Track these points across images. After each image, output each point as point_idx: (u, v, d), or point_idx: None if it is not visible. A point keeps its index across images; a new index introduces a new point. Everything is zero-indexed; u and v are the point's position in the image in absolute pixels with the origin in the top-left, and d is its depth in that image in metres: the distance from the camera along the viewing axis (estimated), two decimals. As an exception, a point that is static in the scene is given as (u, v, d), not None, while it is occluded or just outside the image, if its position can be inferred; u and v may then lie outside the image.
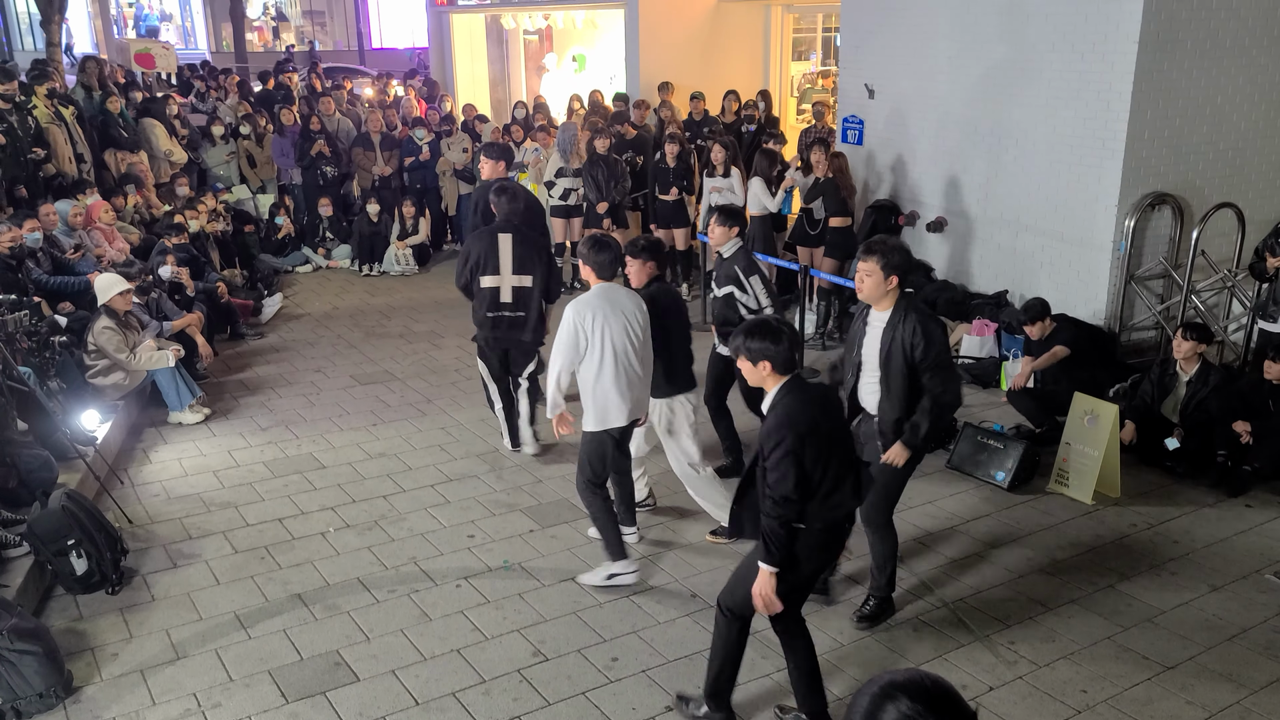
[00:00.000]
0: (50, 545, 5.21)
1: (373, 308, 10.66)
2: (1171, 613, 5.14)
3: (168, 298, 8.55)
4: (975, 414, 7.46)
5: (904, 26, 9.53)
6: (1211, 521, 6.08)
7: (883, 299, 4.67)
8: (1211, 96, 8.02)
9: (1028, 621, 5.08)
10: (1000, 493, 6.42)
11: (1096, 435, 6.27)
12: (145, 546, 5.82)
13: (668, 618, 5.11)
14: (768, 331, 3.89)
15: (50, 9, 18.59)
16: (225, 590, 5.39)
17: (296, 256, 12.24)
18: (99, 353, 7.28)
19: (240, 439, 7.34)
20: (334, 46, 34.95)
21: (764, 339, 3.87)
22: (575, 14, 16.63)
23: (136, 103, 12.65)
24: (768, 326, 3.94)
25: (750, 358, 3.90)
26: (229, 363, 8.93)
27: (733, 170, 9.92)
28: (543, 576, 5.50)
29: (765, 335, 3.87)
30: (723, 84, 13.30)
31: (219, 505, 6.33)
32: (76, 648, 4.87)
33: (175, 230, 9.56)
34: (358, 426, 7.53)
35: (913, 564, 5.60)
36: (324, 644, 4.92)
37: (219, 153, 12.56)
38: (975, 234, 9.21)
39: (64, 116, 10.25)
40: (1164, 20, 7.60)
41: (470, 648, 4.88)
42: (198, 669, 4.74)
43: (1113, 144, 7.86)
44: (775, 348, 3.86)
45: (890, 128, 9.93)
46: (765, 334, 3.88)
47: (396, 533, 5.98)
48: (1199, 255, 7.94)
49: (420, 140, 12.46)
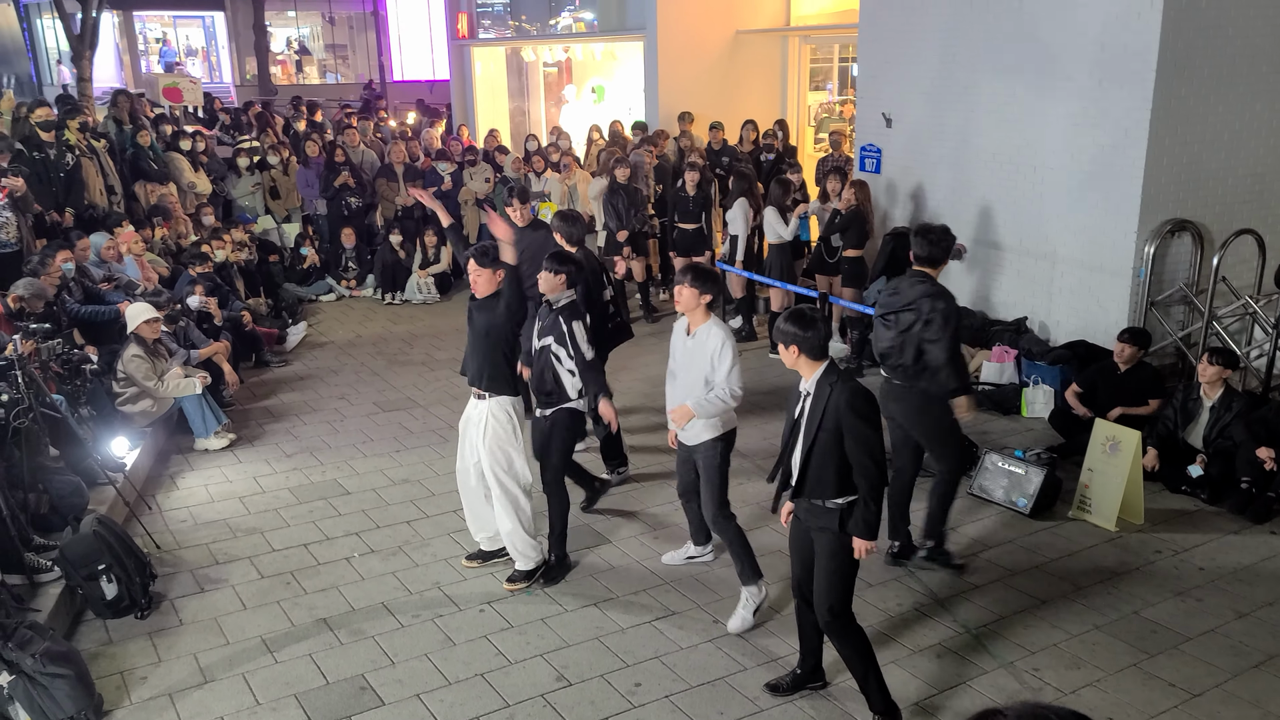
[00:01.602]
0: (81, 570, 5.28)
1: (395, 335, 10.77)
2: (1197, 640, 5.12)
3: (195, 326, 8.68)
4: (996, 440, 7.46)
5: (921, 55, 9.62)
6: (1236, 548, 6.04)
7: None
8: (1230, 123, 8.05)
9: (1052, 648, 5.06)
10: (1022, 519, 6.41)
11: (1119, 462, 6.26)
12: (173, 571, 5.89)
13: (690, 643, 5.13)
14: (799, 318, 4.21)
15: (80, 44, 19.00)
16: (252, 615, 5.44)
17: (320, 285, 12.39)
18: (128, 380, 7.40)
19: (265, 465, 7.42)
20: (355, 80, 35.45)
21: (794, 324, 4.18)
22: (594, 46, 16.83)
23: (165, 136, 12.88)
24: (801, 314, 4.24)
25: (782, 340, 4.20)
26: (254, 390, 9.04)
27: (737, 201, 10.03)
28: (566, 602, 5.52)
29: (797, 321, 4.20)
30: (741, 114, 13.43)
31: (245, 531, 6.40)
32: (106, 671, 4.93)
33: (200, 259, 9.71)
34: (381, 453, 7.60)
35: (935, 590, 5.59)
36: (350, 669, 4.96)
37: (245, 184, 12.76)
38: (994, 261, 9.23)
39: (96, 149, 10.46)
40: (1181, 48, 7.65)
41: (494, 672, 4.90)
42: (225, 693, 4.79)
43: (1131, 171, 7.89)
44: (804, 334, 4.18)
45: (908, 156, 10.00)
46: (797, 320, 4.21)
47: (420, 558, 6.02)
48: (1219, 281, 7.93)
49: (443, 171, 12.62)
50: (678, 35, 14.18)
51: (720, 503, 5.26)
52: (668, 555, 5.91)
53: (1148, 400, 7.14)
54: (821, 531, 4.33)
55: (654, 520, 6.42)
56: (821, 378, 4.23)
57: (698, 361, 5.12)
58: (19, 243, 8.30)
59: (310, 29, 36.81)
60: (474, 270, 5.48)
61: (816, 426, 4.19)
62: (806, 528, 4.44)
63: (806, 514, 4.39)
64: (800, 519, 4.47)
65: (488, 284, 5.48)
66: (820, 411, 4.18)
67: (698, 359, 5.13)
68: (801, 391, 4.33)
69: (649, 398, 8.68)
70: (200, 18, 35.52)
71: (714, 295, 5.19)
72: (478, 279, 5.49)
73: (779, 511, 4.56)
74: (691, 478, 5.46)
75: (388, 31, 34.58)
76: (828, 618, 4.36)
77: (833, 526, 4.28)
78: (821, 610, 4.37)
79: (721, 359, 5.04)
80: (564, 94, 18.62)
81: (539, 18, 17.56)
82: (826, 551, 4.33)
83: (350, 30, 36.73)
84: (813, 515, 4.36)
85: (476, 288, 5.53)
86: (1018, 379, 8.30)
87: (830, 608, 4.34)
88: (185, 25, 36.06)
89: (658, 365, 9.48)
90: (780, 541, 6.13)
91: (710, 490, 5.25)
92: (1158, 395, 7.15)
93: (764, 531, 6.27)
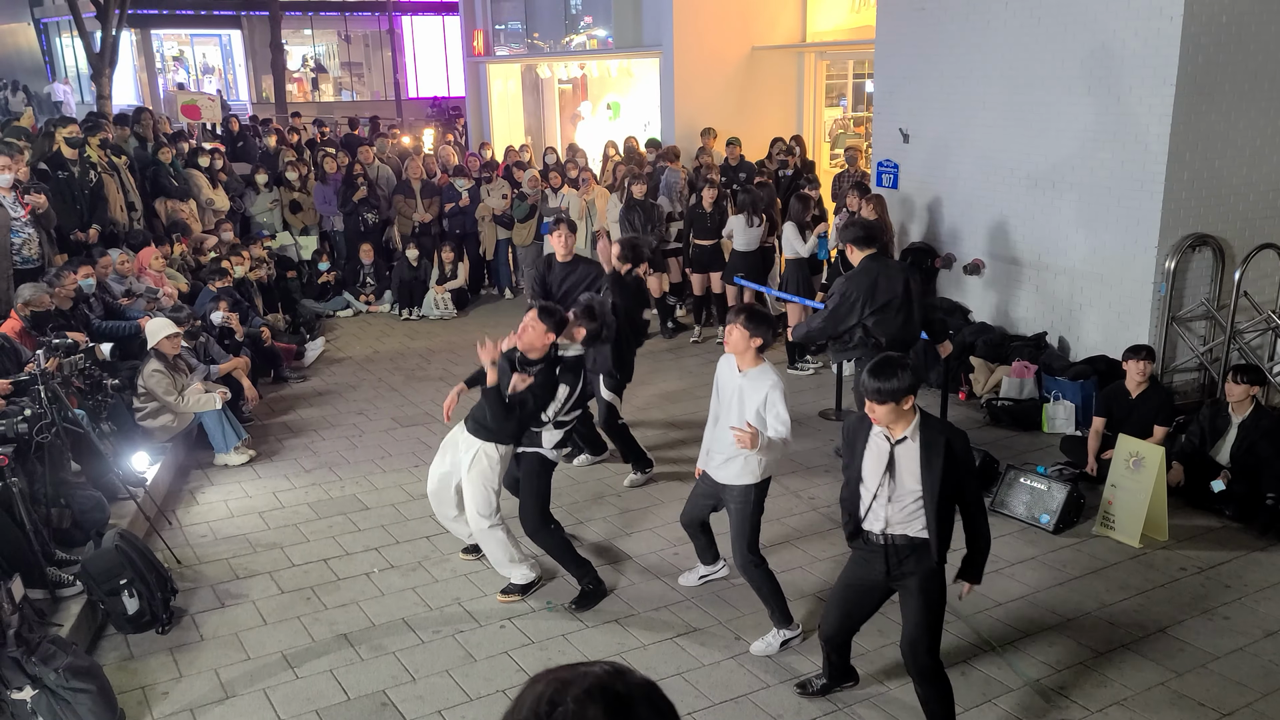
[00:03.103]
0: (103, 585, 5.28)
1: (413, 351, 10.79)
2: (1226, 658, 5.06)
3: (216, 342, 8.72)
4: (1018, 456, 7.41)
5: (937, 71, 9.62)
6: (1263, 566, 5.98)
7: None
8: (1250, 138, 8.02)
9: (1078, 667, 5.01)
10: (1045, 535, 6.36)
11: (1143, 478, 6.21)
12: (194, 587, 5.89)
13: (712, 660, 5.10)
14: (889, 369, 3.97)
15: (100, 63, 19.21)
16: (272, 630, 5.44)
17: (338, 301, 12.44)
18: (148, 395, 7.43)
19: (285, 480, 7.43)
20: (371, 97, 35.67)
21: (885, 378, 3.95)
22: (610, 63, 16.90)
23: (184, 153, 12.98)
24: (889, 362, 4.02)
25: (879, 399, 3.97)
26: (273, 405, 9.06)
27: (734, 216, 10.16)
28: (586, 618, 5.50)
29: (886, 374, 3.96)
30: (757, 130, 13.45)
31: (265, 546, 6.40)
32: (128, 686, 4.92)
33: (220, 275, 9.77)
34: (400, 468, 7.60)
35: (958, 608, 5.54)
36: (370, 684, 4.94)
37: (263, 200, 12.83)
38: (1013, 276, 9.20)
39: (117, 166, 10.54)
40: (1201, 63, 7.63)
41: (515, 688, 4.86)
42: (246, 709, 4.78)
43: (1151, 186, 7.86)
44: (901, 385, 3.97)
45: (925, 171, 9.99)
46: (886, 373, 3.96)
47: (440, 573, 6.01)
48: (1241, 296, 7.89)
49: (461, 187, 12.67)
50: (694, 52, 14.23)
51: (750, 548, 5.11)
52: (683, 577, 5.88)
53: (1153, 428, 6.87)
54: (914, 574, 4.18)
55: (674, 537, 6.39)
56: (924, 425, 4.06)
57: (749, 403, 4.93)
58: (40, 259, 8.36)
59: (326, 47, 37.07)
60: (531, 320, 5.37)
61: (941, 476, 4.01)
62: (879, 574, 4.24)
63: (889, 559, 4.19)
64: (872, 566, 4.26)
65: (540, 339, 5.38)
66: (940, 461, 4.01)
67: (749, 400, 4.93)
68: (876, 435, 4.12)
69: (665, 412, 8.68)
70: (217, 36, 35.83)
71: (765, 339, 4.93)
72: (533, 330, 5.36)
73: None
74: (703, 513, 5.41)
75: (403, 49, 34.87)
76: (926, 660, 4.24)
77: (929, 563, 4.15)
78: (919, 654, 4.23)
79: (772, 404, 4.86)
80: (579, 110, 18.70)
81: (554, 35, 17.66)
82: (922, 595, 4.19)
83: (366, 48, 36.97)
84: (898, 557, 4.18)
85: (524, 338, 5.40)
86: (1038, 395, 8.26)
87: (928, 649, 4.23)
88: (202, 44, 36.37)
89: (674, 381, 9.50)
90: (804, 558, 6.11)
91: (740, 536, 5.10)
92: (1164, 423, 6.91)
93: (787, 548, 6.24)
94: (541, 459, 5.64)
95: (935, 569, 4.17)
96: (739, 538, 5.11)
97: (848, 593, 4.43)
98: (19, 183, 8.34)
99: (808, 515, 6.67)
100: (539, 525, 5.63)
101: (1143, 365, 6.95)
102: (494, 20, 18.79)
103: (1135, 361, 6.97)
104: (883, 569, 4.22)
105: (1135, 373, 6.98)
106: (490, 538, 5.62)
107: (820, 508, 6.75)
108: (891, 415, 3.99)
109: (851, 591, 4.41)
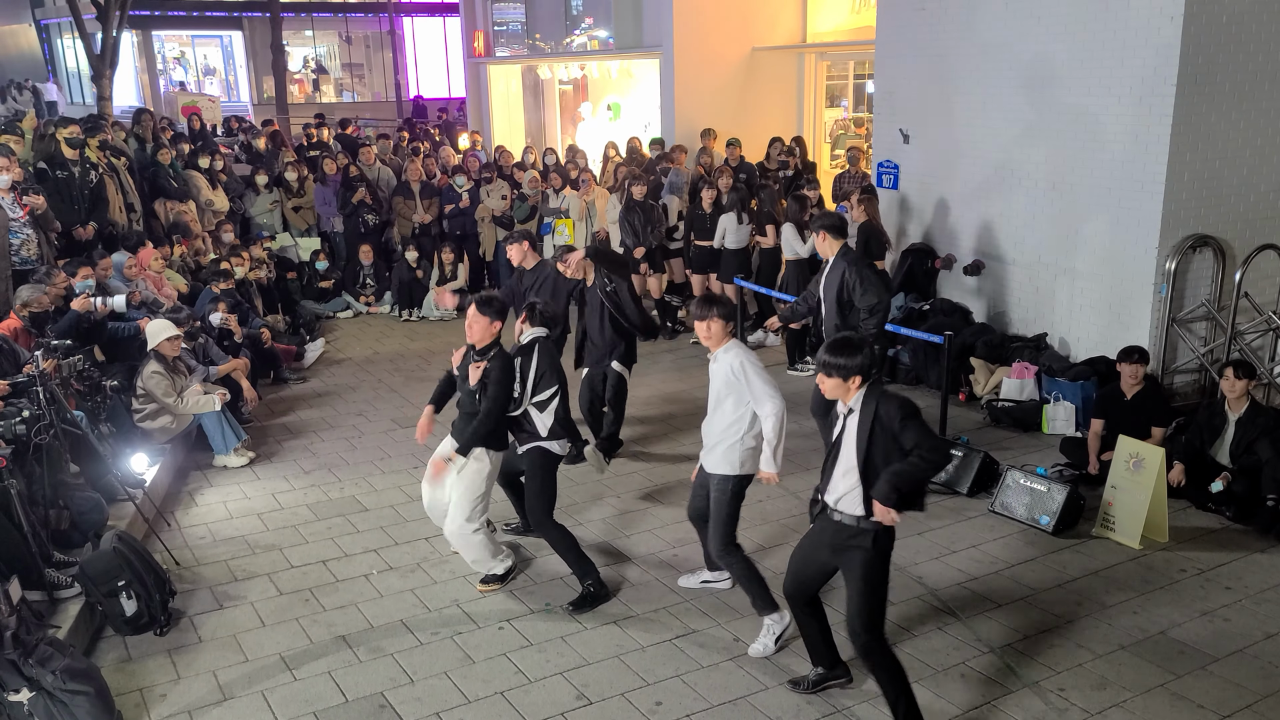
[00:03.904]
0: (101, 586, 5.28)
1: (412, 352, 10.78)
2: (1226, 660, 5.04)
3: (215, 343, 8.71)
4: (1017, 457, 7.40)
5: (938, 71, 9.61)
6: (1263, 567, 5.97)
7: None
8: (1251, 139, 8.00)
9: (1077, 668, 5.00)
10: (1045, 537, 6.35)
11: (1143, 479, 6.19)
12: (192, 588, 5.89)
13: (711, 662, 5.09)
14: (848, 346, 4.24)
15: (101, 64, 19.22)
16: (271, 632, 5.43)
17: (338, 302, 12.43)
18: (148, 397, 7.42)
19: (284, 482, 7.42)
20: (372, 98, 35.69)
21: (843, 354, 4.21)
22: (610, 64, 16.90)
23: (184, 154, 12.97)
24: (847, 341, 4.27)
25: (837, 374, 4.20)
26: (272, 407, 9.06)
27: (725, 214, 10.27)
28: (585, 619, 5.49)
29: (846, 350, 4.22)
30: (757, 130, 13.44)
31: (264, 547, 6.39)
32: (125, 688, 4.92)
33: (221, 277, 9.76)
34: (399, 469, 7.59)
35: (958, 608, 5.54)
36: (369, 686, 4.93)
37: (263, 201, 12.83)
38: (1013, 277, 9.19)
39: (116, 167, 10.53)
40: (1202, 63, 7.62)
41: (514, 690, 4.87)
42: (244, 711, 4.77)
43: (1152, 186, 7.85)
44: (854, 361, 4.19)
45: (926, 172, 9.98)
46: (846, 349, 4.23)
47: (439, 575, 6.00)
48: (1242, 297, 7.87)
49: (460, 188, 12.67)
50: (694, 53, 14.22)
51: (726, 537, 5.21)
52: (684, 579, 5.87)
53: (1151, 430, 6.88)
54: (854, 550, 4.31)
55: (673, 538, 6.38)
56: (866, 394, 4.24)
57: (718, 377, 5.13)
58: (40, 260, 8.36)
59: (327, 48, 37.10)
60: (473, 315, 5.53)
61: (868, 440, 4.20)
62: (826, 544, 4.42)
63: (835, 533, 4.36)
64: (822, 535, 4.44)
65: (486, 329, 5.54)
66: (870, 425, 4.19)
67: (718, 375, 5.13)
68: (840, 412, 4.33)
69: (663, 411, 8.67)
70: (218, 37, 35.87)
71: (723, 317, 5.08)
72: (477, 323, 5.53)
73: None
74: (703, 504, 5.44)
75: (404, 50, 34.90)
76: (864, 638, 4.33)
77: (866, 545, 4.27)
78: (856, 631, 4.34)
79: (747, 376, 5.00)
80: (580, 111, 18.70)
81: (555, 36, 17.66)
82: (859, 572, 4.30)
83: (367, 49, 37.01)
84: (842, 534, 4.34)
85: (473, 333, 5.57)
86: (1038, 395, 8.24)
87: (865, 626, 4.31)
88: (203, 45, 36.41)
89: (673, 381, 9.49)
90: (800, 559, 6.10)
91: (717, 524, 5.20)
92: (1161, 423, 6.95)
93: (784, 550, 6.22)
94: (544, 453, 5.65)
95: (870, 550, 4.27)
96: (716, 525, 5.20)
97: (800, 551, 4.62)
98: (17, 184, 8.34)
99: (803, 516, 6.64)
100: (544, 519, 5.65)
101: (1135, 368, 6.97)
102: (495, 21, 18.79)
103: (1128, 364, 6.99)
104: (827, 540, 4.40)
105: (1128, 375, 7.00)
106: (470, 541, 5.66)
107: (820, 509, 6.74)
108: (838, 390, 4.26)
109: (802, 551, 4.61)
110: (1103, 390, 7.35)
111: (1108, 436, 6.89)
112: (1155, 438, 6.79)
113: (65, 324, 7.36)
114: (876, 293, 6.86)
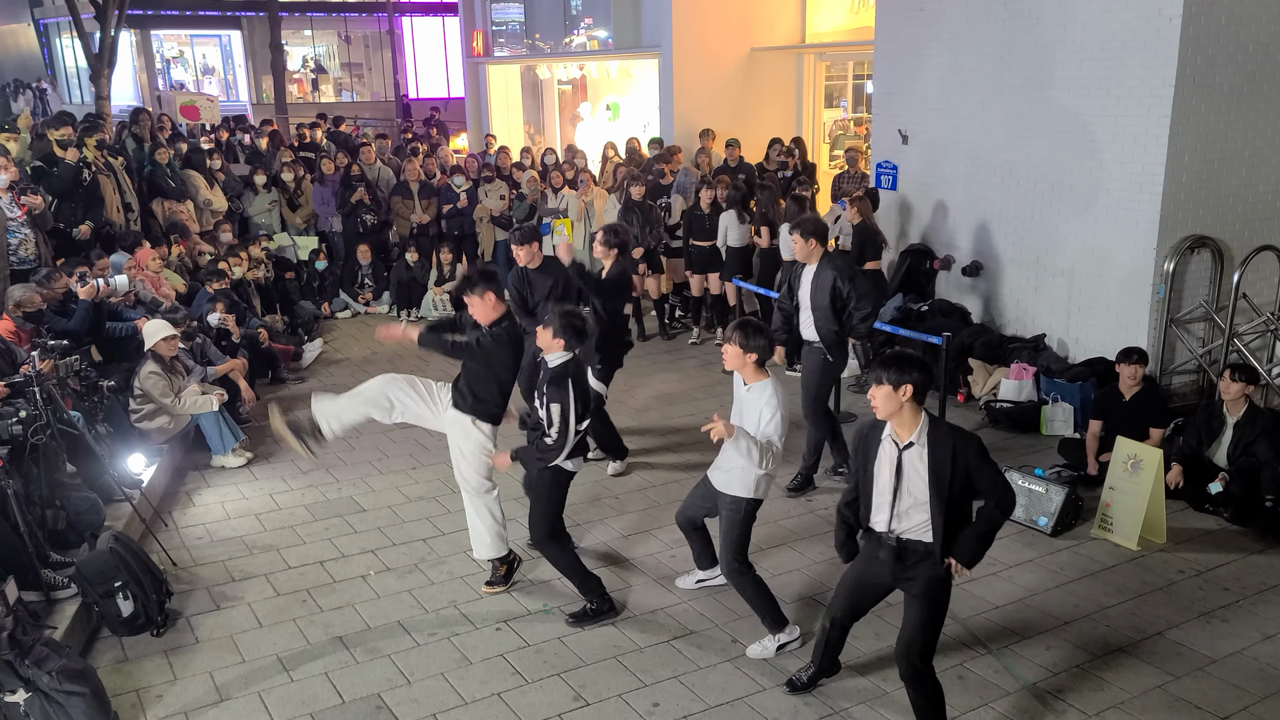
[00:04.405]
0: (98, 587, 5.27)
1: (411, 352, 10.74)
2: (1224, 661, 5.04)
3: (213, 343, 8.69)
4: (1016, 458, 7.39)
5: (937, 72, 9.61)
6: (1262, 568, 5.96)
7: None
8: (1250, 139, 8.00)
9: (1075, 670, 4.99)
10: (1043, 538, 6.35)
11: (1141, 480, 6.19)
12: (189, 589, 5.88)
13: (708, 663, 5.08)
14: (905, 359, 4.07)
15: (99, 64, 19.20)
16: (267, 633, 5.42)
17: (336, 303, 12.42)
18: (145, 397, 7.41)
19: (281, 482, 7.41)
20: (371, 98, 35.66)
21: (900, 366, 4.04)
22: (609, 64, 16.89)
23: (182, 154, 12.95)
24: (905, 355, 4.12)
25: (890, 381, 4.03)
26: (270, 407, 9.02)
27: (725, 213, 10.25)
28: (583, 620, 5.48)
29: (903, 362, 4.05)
30: (756, 131, 13.43)
31: (261, 548, 6.38)
32: (122, 689, 4.91)
33: (218, 276, 9.74)
34: (397, 470, 7.58)
35: (955, 610, 5.52)
36: (365, 687, 4.93)
37: (261, 201, 12.81)
38: (1012, 278, 9.19)
39: (113, 167, 10.51)
40: (1200, 64, 7.61)
41: (511, 692, 4.86)
42: (241, 711, 4.76)
43: (1150, 187, 7.84)
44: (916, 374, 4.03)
45: (925, 172, 9.97)
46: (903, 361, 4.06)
47: (436, 576, 6.00)
48: (1240, 298, 7.87)
49: (458, 188, 12.65)
50: (693, 53, 14.22)
51: (736, 557, 5.10)
52: (680, 580, 5.86)
53: (1149, 431, 6.87)
54: (923, 571, 4.17)
55: (671, 540, 6.37)
56: (932, 429, 4.08)
57: (748, 417, 4.94)
58: (37, 259, 8.34)
59: (326, 48, 37.05)
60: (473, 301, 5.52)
61: (950, 478, 4.03)
62: (887, 572, 4.27)
63: (898, 558, 4.21)
64: (881, 565, 4.28)
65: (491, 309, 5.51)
66: (949, 465, 4.02)
67: (748, 415, 4.94)
68: (886, 440, 4.14)
69: (662, 415, 8.66)
70: (217, 37, 35.83)
71: (760, 353, 4.90)
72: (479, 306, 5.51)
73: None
74: (697, 514, 5.43)
75: (403, 50, 34.86)
76: (919, 666, 4.23)
77: (936, 566, 4.16)
78: (913, 659, 4.22)
79: (764, 418, 4.86)
80: (579, 111, 18.69)
81: (554, 36, 17.65)
82: (925, 599, 4.19)
83: (366, 49, 36.96)
84: (908, 557, 4.20)
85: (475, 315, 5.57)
86: (1036, 396, 8.24)
87: (921, 655, 4.22)
88: (202, 44, 36.36)
89: (672, 383, 9.48)
90: (800, 560, 6.09)
91: (727, 545, 5.10)
92: (1159, 424, 6.94)
93: (783, 550, 6.22)
94: (557, 470, 5.40)
95: (942, 576, 4.17)
96: (726, 546, 5.11)
97: (855, 587, 4.48)
98: (14, 184, 8.32)
99: (805, 518, 6.65)
100: (545, 536, 5.46)
101: (1134, 369, 6.96)
102: (493, 21, 18.77)
103: (1126, 365, 6.98)
104: (890, 569, 4.26)
105: (1127, 376, 6.99)
106: (480, 507, 5.66)
107: (818, 510, 6.73)
108: (889, 405, 4.04)
109: (859, 587, 4.47)
110: (1101, 391, 7.35)
111: (1106, 437, 6.89)
112: (1154, 439, 6.78)
113: (81, 316, 7.35)
114: (871, 301, 6.89)
